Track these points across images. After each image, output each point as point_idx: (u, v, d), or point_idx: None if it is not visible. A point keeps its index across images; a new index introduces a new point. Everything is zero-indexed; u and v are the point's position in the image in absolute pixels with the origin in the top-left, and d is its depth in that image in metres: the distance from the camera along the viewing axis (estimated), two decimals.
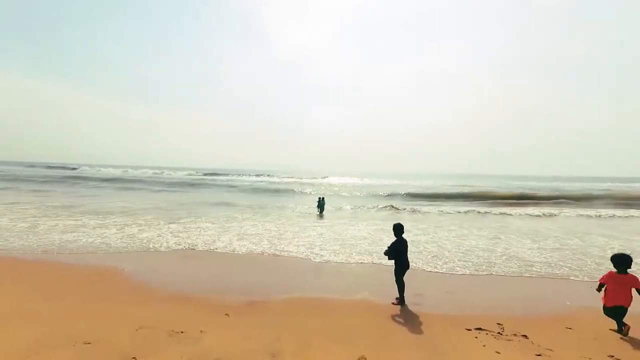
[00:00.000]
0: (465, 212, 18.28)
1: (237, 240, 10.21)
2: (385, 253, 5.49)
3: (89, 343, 3.78)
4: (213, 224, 12.87)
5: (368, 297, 5.78)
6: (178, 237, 10.40)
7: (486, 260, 8.41)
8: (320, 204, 17.34)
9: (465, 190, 32.12)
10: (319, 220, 14.80)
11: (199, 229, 11.69)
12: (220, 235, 10.78)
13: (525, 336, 4.33)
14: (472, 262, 8.26)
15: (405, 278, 5.50)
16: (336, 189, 35.95)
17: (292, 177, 56.50)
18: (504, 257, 8.74)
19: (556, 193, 29.66)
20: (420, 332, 4.45)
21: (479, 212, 18.61)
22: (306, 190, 31.77)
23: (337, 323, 4.65)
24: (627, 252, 4.84)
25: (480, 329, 4.51)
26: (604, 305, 4.60)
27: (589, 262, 8.47)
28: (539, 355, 3.87)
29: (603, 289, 4.61)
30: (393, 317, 4.96)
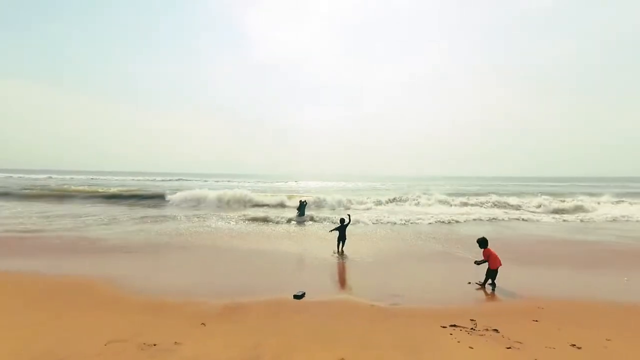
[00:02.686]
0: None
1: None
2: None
3: None
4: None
5: (348, 297, 5.82)
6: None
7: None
8: (301, 208, 16.22)
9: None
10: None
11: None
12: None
13: (496, 330, 4.53)
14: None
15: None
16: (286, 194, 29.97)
17: (241, 182, 50.47)
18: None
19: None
20: (398, 331, 4.52)
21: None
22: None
23: (317, 325, 4.64)
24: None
25: (454, 325, 4.67)
26: (490, 268, 6.52)
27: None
28: (509, 348, 4.06)
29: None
30: (373, 317, 5.02)
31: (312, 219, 15.81)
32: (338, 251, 9.37)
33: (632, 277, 7.31)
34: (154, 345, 3.93)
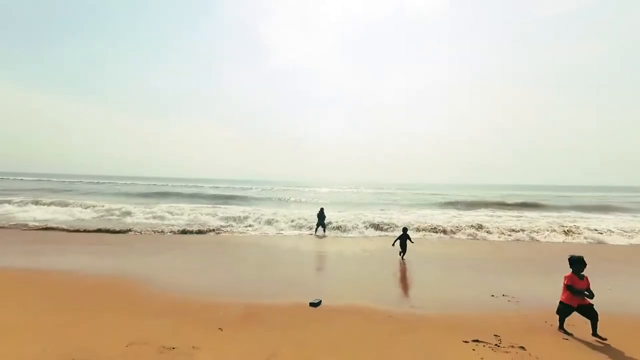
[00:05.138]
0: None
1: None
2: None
3: None
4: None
5: (366, 306, 5.70)
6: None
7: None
8: (320, 216, 14.19)
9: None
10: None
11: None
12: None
13: (522, 347, 4.28)
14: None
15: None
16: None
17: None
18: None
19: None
20: (418, 345, 4.37)
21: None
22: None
23: (333, 336, 4.56)
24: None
25: (477, 340, 4.45)
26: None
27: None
28: None
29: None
30: (391, 328, 4.88)
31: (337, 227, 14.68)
32: (401, 257, 9.73)
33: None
34: (173, 348, 4.01)
